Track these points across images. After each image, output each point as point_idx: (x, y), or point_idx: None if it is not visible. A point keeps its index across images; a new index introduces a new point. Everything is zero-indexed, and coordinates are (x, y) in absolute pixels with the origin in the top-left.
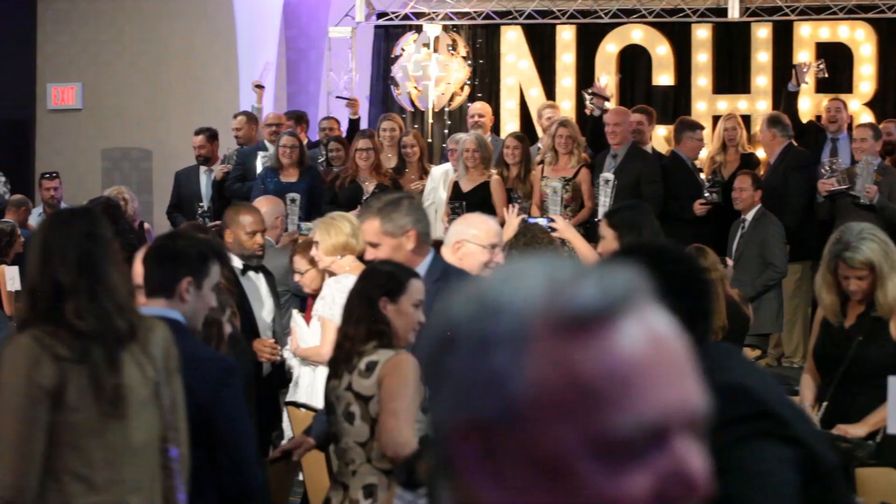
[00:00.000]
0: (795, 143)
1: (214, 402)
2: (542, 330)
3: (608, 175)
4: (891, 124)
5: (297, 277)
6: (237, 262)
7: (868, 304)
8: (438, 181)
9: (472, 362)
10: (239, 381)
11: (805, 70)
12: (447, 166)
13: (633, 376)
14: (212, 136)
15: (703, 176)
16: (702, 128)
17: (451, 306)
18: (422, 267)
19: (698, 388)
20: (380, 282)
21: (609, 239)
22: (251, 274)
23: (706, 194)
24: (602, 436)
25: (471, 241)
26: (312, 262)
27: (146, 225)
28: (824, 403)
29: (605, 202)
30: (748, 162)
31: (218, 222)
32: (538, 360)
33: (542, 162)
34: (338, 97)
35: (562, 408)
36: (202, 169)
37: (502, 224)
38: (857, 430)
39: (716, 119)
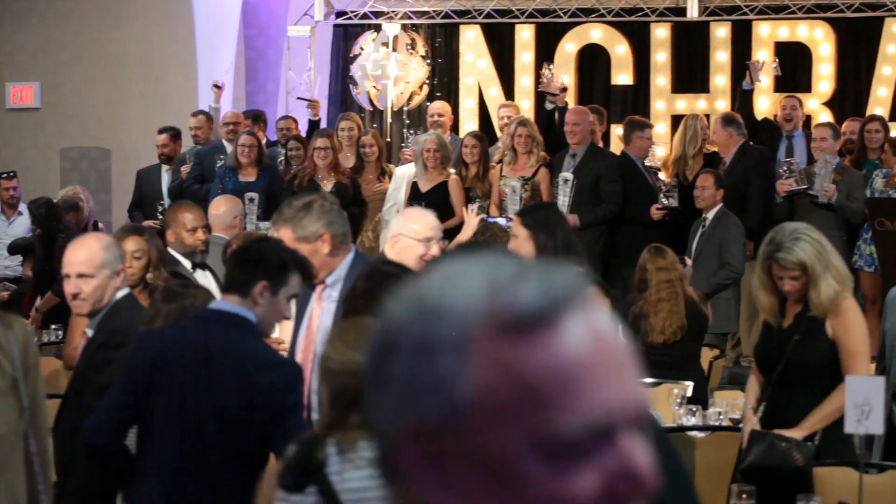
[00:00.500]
0: (751, 142)
1: (281, 407)
2: (483, 332)
3: (567, 174)
4: (855, 123)
5: None
6: (184, 262)
7: (805, 303)
8: (401, 182)
9: (414, 367)
10: (302, 386)
11: (759, 68)
12: (409, 166)
13: (577, 376)
14: (175, 135)
15: (662, 176)
16: (650, 126)
17: (391, 310)
18: (342, 267)
19: (640, 385)
20: (385, 282)
21: (522, 238)
22: (198, 272)
23: (663, 199)
24: (548, 436)
25: (407, 234)
26: None
27: (100, 224)
28: (763, 404)
29: (564, 202)
30: (711, 161)
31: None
32: (481, 363)
33: (500, 161)
34: (299, 98)
35: (506, 410)
36: (164, 168)
37: (461, 224)
38: (794, 434)
39: (675, 118)
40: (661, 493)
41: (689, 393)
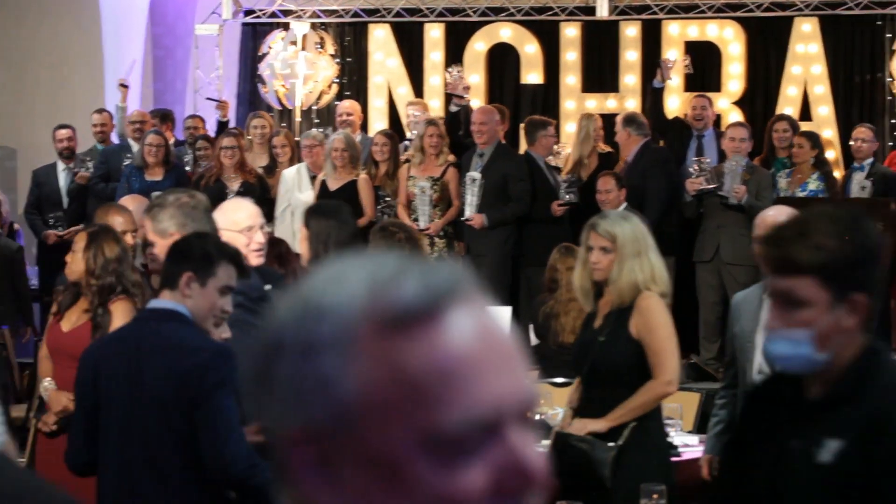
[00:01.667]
0: (654, 141)
1: (201, 388)
2: (367, 331)
3: (475, 174)
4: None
5: None
6: None
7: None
8: (292, 183)
9: (299, 368)
10: (229, 368)
11: (670, 66)
12: (300, 167)
13: (462, 372)
14: (75, 131)
15: (559, 176)
16: (551, 124)
17: (275, 311)
18: None
19: (527, 378)
20: None
21: (302, 235)
22: None
23: (563, 195)
24: (435, 433)
25: (227, 228)
26: None
27: (16, 225)
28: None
29: (472, 201)
30: (607, 161)
31: (79, 227)
32: (365, 362)
33: (407, 161)
34: (208, 98)
35: (392, 408)
36: (60, 167)
37: (371, 224)
38: (596, 426)
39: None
40: None
41: None
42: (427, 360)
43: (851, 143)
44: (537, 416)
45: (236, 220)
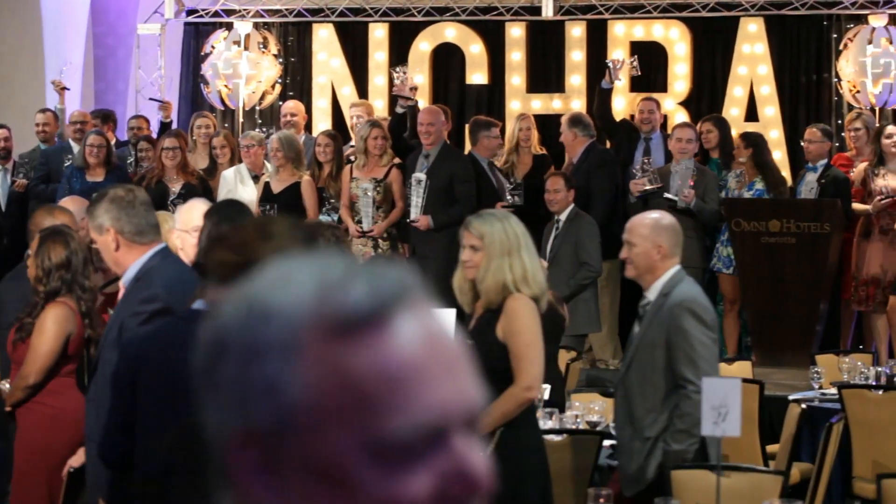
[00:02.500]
0: (601, 142)
1: None
2: (313, 335)
3: (420, 175)
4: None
5: None
6: None
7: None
8: (232, 183)
9: (244, 371)
10: None
11: (618, 67)
12: (239, 167)
13: (408, 378)
14: (10, 131)
15: (503, 178)
16: (496, 125)
17: (220, 312)
18: (132, 268)
19: (474, 384)
20: None
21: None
22: None
23: (508, 197)
24: (380, 439)
25: (180, 228)
26: None
27: None
28: None
29: (417, 203)
30: (542, 163)
31: None
32: (311, 367)
33: (350, 162)
34: (151, 99)
35: (338, 414)
36: None
37: (318, 225)
38: None
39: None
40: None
41: (547, 396)
42: (373, 366)
43: (802, 143)
44: None
45: (187, 220)
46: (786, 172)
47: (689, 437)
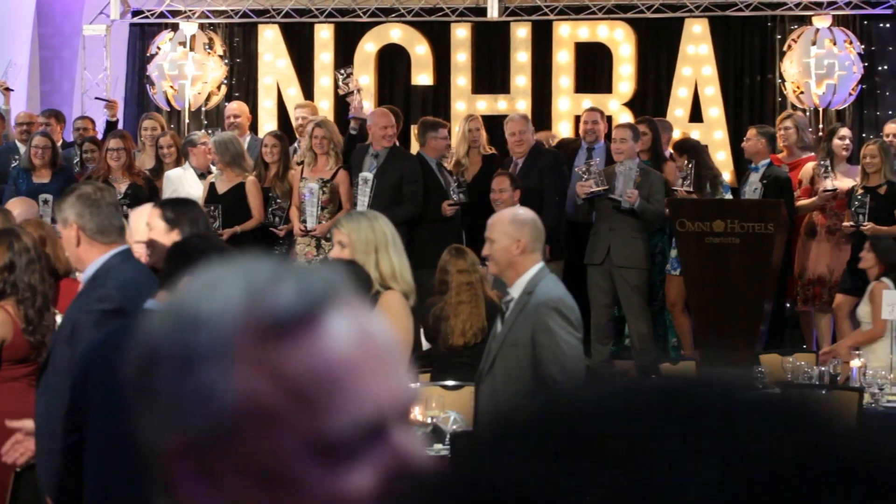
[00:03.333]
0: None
1: None
2: (245, 340)
3: (367, 174)
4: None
5: None
6: None
7: None
8: (177, 184)
9: (178, 380)
10: None
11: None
12: (185, 167)
13: (343, 376)
14: None
15: (451, 178)
16: (444, 126)
17: (150, 323)
18: (92, 266)
19: (407, 378)
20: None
21: (160, 231)
22: None
23: (453, 195)
24: (320, 439)
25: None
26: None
27: None
28: None
29: (363, 202)
30: (490, 163)
31: None
32: (245, 372)
33: (301, 163)
34: (97, 98)
35: (275, 416)
36: None
37: (259, 226)
38: None
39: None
40: None
41: None
42: (307, 367)
43: (743, 144)
44: (429, 420)
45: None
46: (730, 173)
47: None
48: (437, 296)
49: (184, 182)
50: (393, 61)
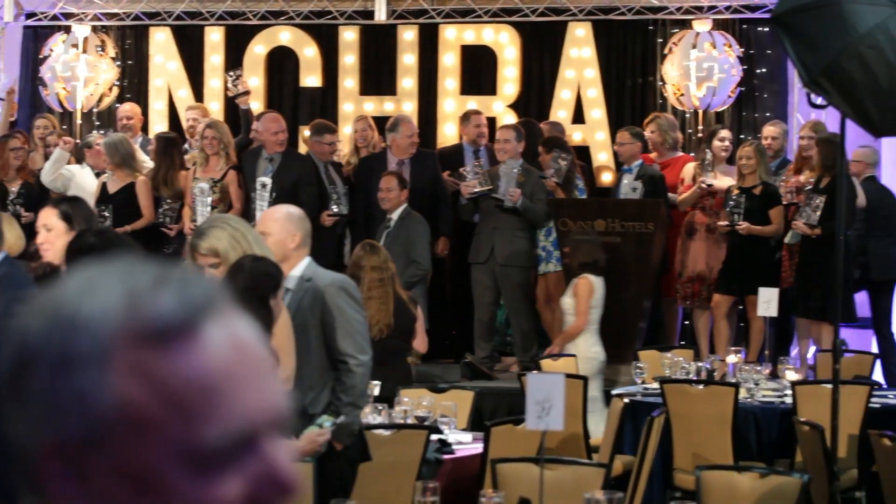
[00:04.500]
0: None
1: None
2: (123, 344)
3: (265, 179)
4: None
5: None
6: None
7: None
8: (79, 177)
9: (52, 382)
10: None
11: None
12: (83, 166)
13: (219, 385)
14: None
15: (339, 182)
16: (331, 131)
17: (25, 321)
18: None
19: (280, 389)
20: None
21: (59, 230)
22: None
23: (332, 207)
24: (192, 446)
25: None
26: None
27: None
28: None
29: (262, 206)
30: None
31: None
32: (120, 376)
33: (195, 163)
34: None
35: (148, 422)
36: None
37: (149, 225)
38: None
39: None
40: None
41: (377, 392)
42: (184, 374)
43: (614, 147)
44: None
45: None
46: (611, 174)
47: (354, 408)
48: None
49: (84, 177)
50: (282, 63)
